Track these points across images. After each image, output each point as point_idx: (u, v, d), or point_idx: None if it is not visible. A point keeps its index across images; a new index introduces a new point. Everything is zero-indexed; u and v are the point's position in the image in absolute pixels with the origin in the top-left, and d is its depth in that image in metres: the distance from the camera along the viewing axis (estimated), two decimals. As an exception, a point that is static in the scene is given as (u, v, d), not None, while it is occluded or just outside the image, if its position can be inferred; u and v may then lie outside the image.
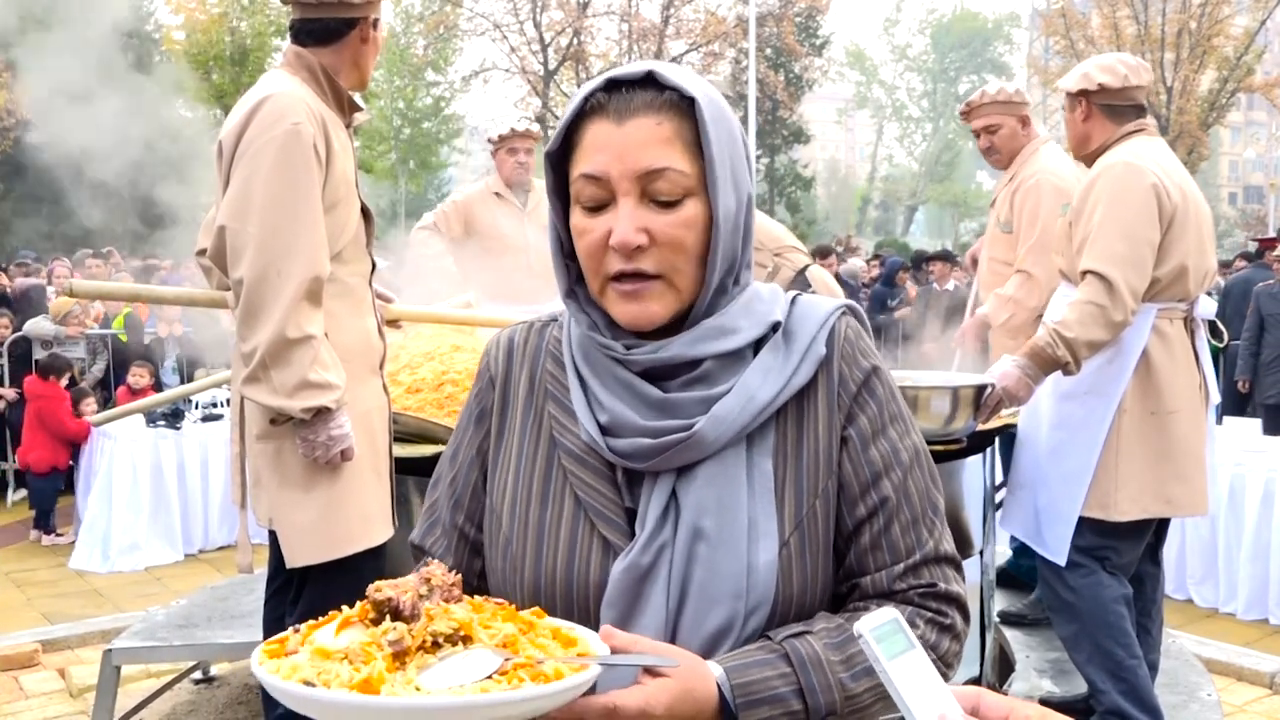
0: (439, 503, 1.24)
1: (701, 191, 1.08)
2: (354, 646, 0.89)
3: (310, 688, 0.86)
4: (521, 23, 26.39)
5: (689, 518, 1.07)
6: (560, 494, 1.13)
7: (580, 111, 1.09)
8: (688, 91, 1.07)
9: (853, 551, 1.13)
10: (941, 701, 0.84)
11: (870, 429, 1.13)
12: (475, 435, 1.23)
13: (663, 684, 0.97)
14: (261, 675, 0.89)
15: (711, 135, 1.07)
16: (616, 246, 1.06)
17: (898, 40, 50.76)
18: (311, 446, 2.43)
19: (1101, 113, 3.05)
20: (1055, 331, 2.80)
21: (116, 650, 3.39)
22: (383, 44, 2.71)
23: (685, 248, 1.07)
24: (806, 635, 1.06)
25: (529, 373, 1.21)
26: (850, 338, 1.16)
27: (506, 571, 1.15)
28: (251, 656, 0.93)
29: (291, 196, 2.40)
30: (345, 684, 0.85)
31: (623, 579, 1.07)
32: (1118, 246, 2.80)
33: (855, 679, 1.05)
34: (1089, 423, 2.93)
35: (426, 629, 0.90)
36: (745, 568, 1.06)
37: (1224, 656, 4.28)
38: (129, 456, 6.01)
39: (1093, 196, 2.91)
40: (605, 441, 1.10)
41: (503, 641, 0.92)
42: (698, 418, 1.07)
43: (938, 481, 1.18)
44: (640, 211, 1.06)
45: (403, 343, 3.27)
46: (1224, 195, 54.11)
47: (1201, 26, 25.12)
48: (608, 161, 1.06)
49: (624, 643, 0.97)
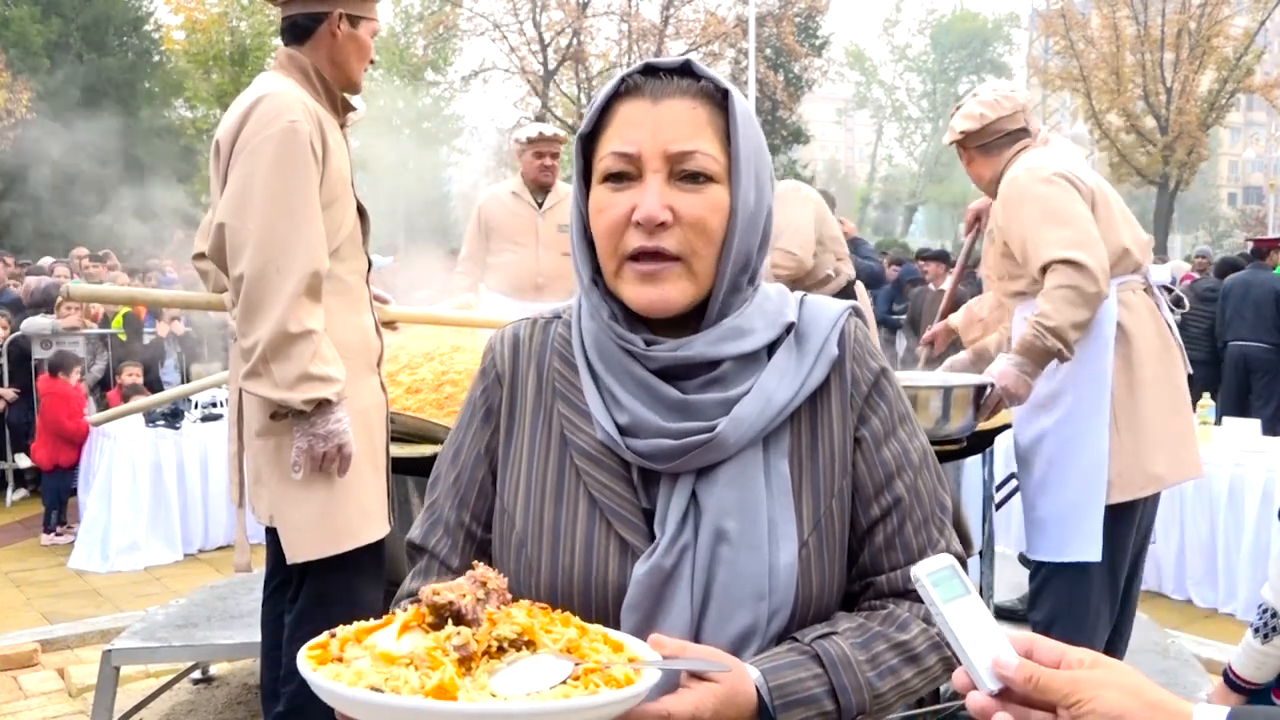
0: (439, 502, 1.22)
1: (726, 181, 1.10)
2: (419, 651, 0.87)
3: (380, 694, 0.83)
4: (521, 23, 26.39)
5: (711, 519, 1.07)
6: (575, 495, 1.13)
7: (615, 93, 1.11)
8: (722, 84, 1.10)
9: (867, 551, 1.14)
10: (996, 644, 0.86)
11: (882, 429, 1.15)
12: (482, 432, 1.22)
13: (710, 688, 0.98)
14: (320, 684, 0.86)
15: (740, 130, 1.10)
16: (642, 220, 1.06)
17: (897, 40, 50.84)
18: (311, 441, 2.44)
19: (980, 153, 3.16)
20: (1038, 324, 2.80)
21: (116, 650, 3.39)
22: (368, 45, 2.69)
23: (708, 230, 1.08)
24: (833, 636, 1.07)
25: (536, 370, 1.21)
26: (859, 339, 1.18)
27: (521, 573, 1.14)
28: (298, 662, 0.90)
29: (289, 193, 2.41)
30: (417, 690, 0.83)
31: (645, 581, 1.07)
32: (1063, 232, 2.82)
33: (881, 678, 1.07)
34: (1089, 408, 2.94)
35: (491, 633, 0.89)
36: (767, 569, 1.07)
37: (1224, 657, 4.26)
38: (128, 456, 6.00)
39: (1009, 211, 2.96)
40: (624, 442, 1.09)
41: (566, 647, 0.91)
42: (718, 419, 1.08)
43: (944, 481, 1.20)
44: (667, 190, 1.08)
45: (402, 343, 3.27)
46: (1224, 195, 54.13)
47: (1201, 27, 25.14)
48: (640, 138, 1.08)
49: (674, 649, 0.98)
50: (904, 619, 1.11)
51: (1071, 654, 0.85)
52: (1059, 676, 0.83)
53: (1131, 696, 0.81)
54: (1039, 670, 0.84)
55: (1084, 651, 0.86)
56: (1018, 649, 0.86)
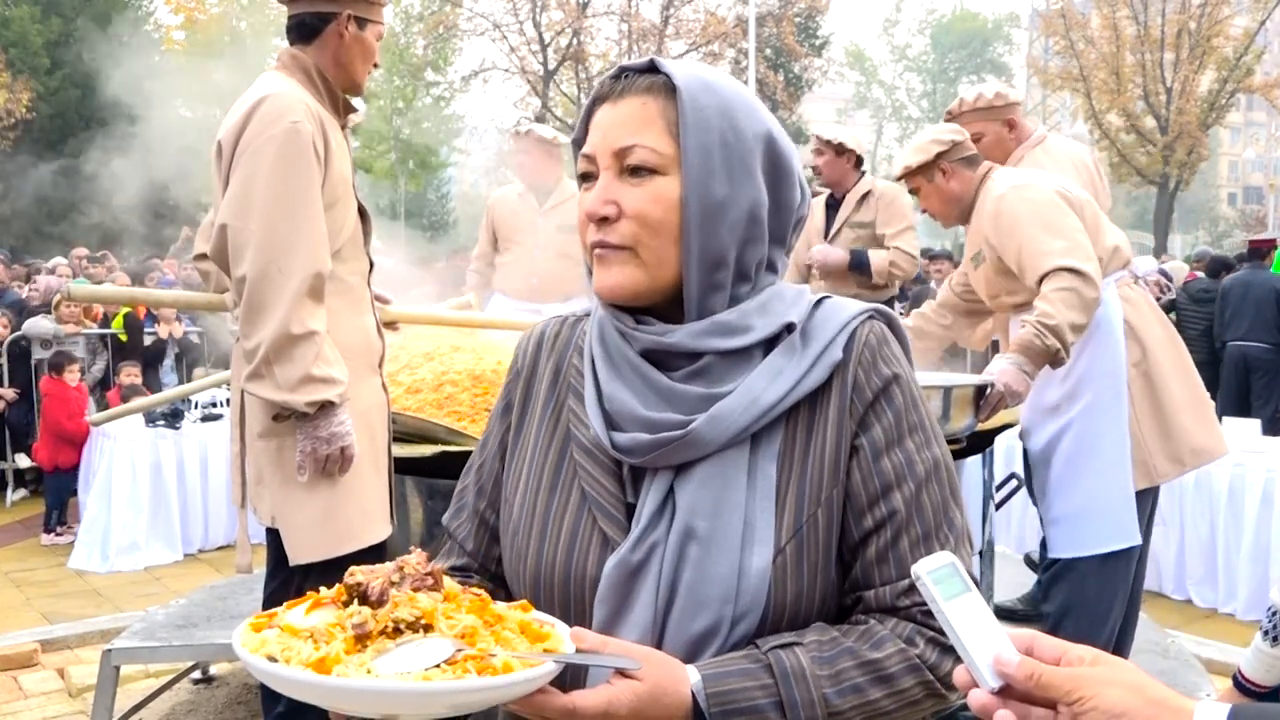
0: (468, 488, 1.27)
1: (677, 172, 1.09)
2: (319, 626, 0.93)
3: (271, 662, 0.90)
4: (521, 23, 26.40)
5: (682, 517, 1.06)
6: (568, 486, 1.14)
7: (594, 98, 1.15)
8: (674, 78, 1.10)
9: (858, 564, 1.10)
10: (996, 642, 0.86)
11: (885, 439, 1.10)
12: (500, 426, 1.26)
13: (628, 685, 0.96)
14: (235, 647, 0.94)
15: (690, 120, 1.09)
16: (587, 215, 1.11)
17: (897, 40, 50.81)
18: (313, 442, 2.44)
19: (962, 165, 3.17)
20: (1039, 324, 2.83)
21: (116, 650, 3.39)
22: (373, 48, 2.69)
23: (651, 222, 1.09)
24: (795, 647, 1.03)
25: (554, 365, 1.22)
26: (872, 344, 1.13)
27: (512, 559, 1.17)
28: (234, 631, 0.98)
29: (292, 194, 2.41)
30: (303, 662, 0.89)
31: (614, 574, 1.07)
32: (1057, 243, 2.87)
33: (841, 695, 1.02)
34: (1108, 403, 2.99)
35: (390, 615, 0.93)
36: (736, 571, 1.04)
37: (1223, 657, 4.27)
38: (128, 456, 6.00)
39: (1003, 227, 2.98)
40: (610, 436, 1.10)
41: (461, 632, 0.93)
42: (696, 415, 1.07)
43: (959, 497, 1.13)
44: (614, 185, 1.10)
45: (402, 343, 3.27)
46: (1224, 195, 54.11)
47: (1201, 27, 25.14)
48: (595, 139, 1.12)
49: (594, 643, 0.97)
50: (880, 636, 1.06)
51: (1073, 651, 0.85)
52: (1060, 674, 0.83)
53: (1133, 694, 0.81)
54: (1040, 667, 0.84)
55: (1085, 649, 0.86)
56: (1019, 646, 0.86)
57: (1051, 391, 3.04)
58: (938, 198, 3.20)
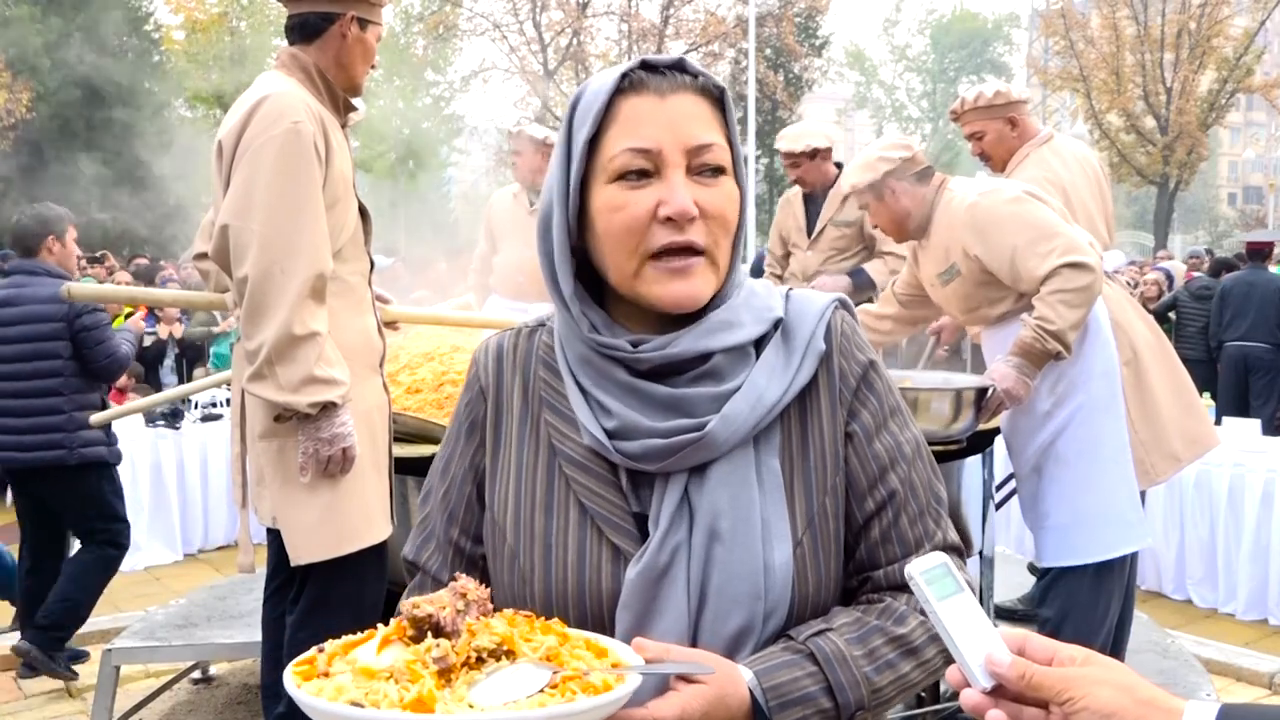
0: (431, 516, 1.22)
1: (733, 173, 1.10)
2: (399, 665, 0.88)
3: (360, 709, 0.84)
4: (521, 23, 26.39)
5: (704, 519, 1.07)
6: (564, 503, 1.12)
7: (616, 89, 1.08)
8: (717, 81, 1.11)
9: (863, 545, 1.13)
10: (989, 642, 0.87)
11: (873, 423, 1.14)
12: (467, 448, 1.21)
13: (697, 690, 0.97)
14: (303, 699, 0.87)
15: (734, 124, 1.11)
16: (675, 214, 1.05)
17: (897, 41, 50.78)
18: (315, 443, 2.44)
19: (912, 182, 3.09)
20: (1040, 328, 2.82)
21: (116, 650, 3.40)
22: (373, 49, 2.69)
23: (727, 222, 1.09)
24: (828, 632, 1.07)
25: (521, 380, 1.19)
26: (846, 332, 1.16)
27: (515, 585, 1.14)
28: (284, 679, 0.91)
29: (293, 194, 2.41)
30: (396, 704, 0.84)
31: (638, 581, 1.06)
32: (1056, 241, 2.84)
33: (878, 672, 1.06)
34: (1104, 405, 2.97)
35: (470, 645, 0.89)
36: (762, 568, 1.06)
37: (1223, 657, 4.28)
38: (128, 456, 5.99)
39: (987, 236, 2.93)
40: (614, 445, 1.08)
41: (545, 655, 0.91)
42: (709, 416, 1.07)
43: (938, 472, 1.19)
44: (688, 184, 1.07)
45: (402, 343, 3.27)
46: (1223, 196, 54.11)
47: (1201, 27, 25.13)
48: (657, 133, 1.06)
49: (657, 652, 0.97)
50: (901, 612, 1.10)
51: (1064, 651, 0.86)
52: (1051, 674, 0.84)
53: (1124, 694, 0.82)
54: (1032, 667, 0.84)
55: (1076, 649, 0.86)
56: (1011, 646, 0.87)
57: (1040, 399, 2.98)
58: (887, 215, 3.13)
